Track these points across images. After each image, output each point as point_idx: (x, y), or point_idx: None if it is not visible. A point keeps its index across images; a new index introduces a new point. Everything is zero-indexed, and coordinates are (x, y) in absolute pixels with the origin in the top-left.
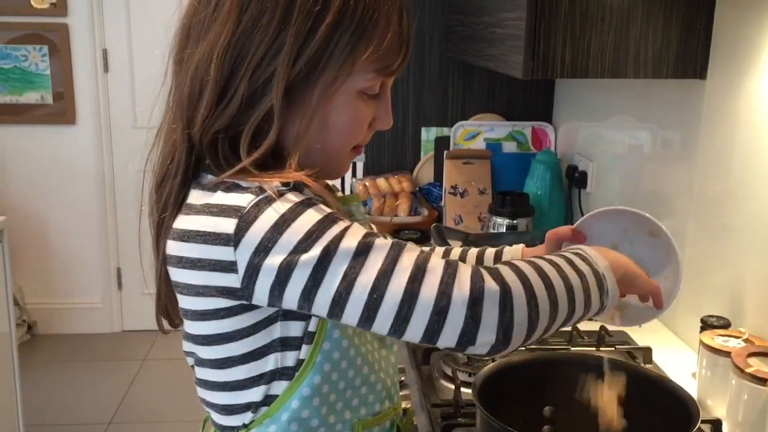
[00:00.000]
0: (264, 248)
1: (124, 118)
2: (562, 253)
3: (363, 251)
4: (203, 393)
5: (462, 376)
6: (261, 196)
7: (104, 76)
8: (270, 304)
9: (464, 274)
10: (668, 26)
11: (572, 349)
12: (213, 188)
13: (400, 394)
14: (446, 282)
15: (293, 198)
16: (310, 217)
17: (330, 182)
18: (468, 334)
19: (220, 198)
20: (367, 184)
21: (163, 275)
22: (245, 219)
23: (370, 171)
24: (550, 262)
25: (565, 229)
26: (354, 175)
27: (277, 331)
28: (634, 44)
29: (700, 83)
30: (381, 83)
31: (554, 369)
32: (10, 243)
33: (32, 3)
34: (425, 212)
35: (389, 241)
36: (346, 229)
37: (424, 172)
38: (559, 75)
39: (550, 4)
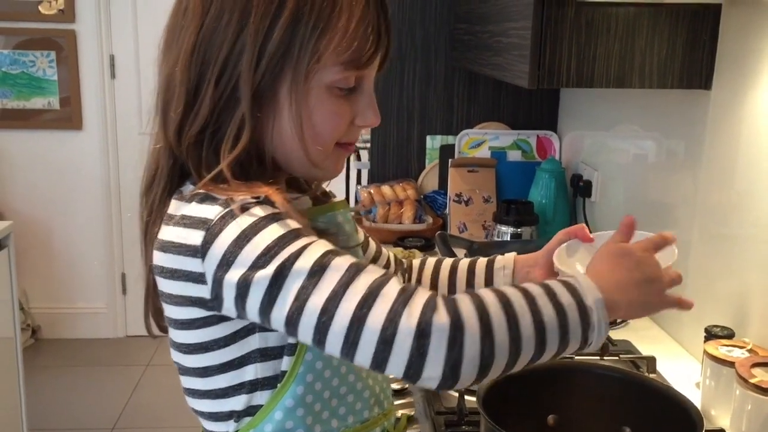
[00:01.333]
0: (226, 262)
1: (131, 124)
2: (547, 282)
3: (317, 271)
4: (190, 401)
5: None
6: (227, 210)
7: (111, 83)
8: (238, 316)
9: (416, 303)
10: (673, 36)
11: (576, 357)
12: (189, 199)
13: (404, 401)
14: (395, 310)
15: (258, 212)
16: (271, 233)
17: (327, 188)
18: (414, 367)
19: (193, 209)
20: (371, 191)
21: (151, 282)
22: (211, 232)
23: (375, 178)
24: (525, 293)
25: (575, 227)
26: (359, 182)
27: (255, 342)
28: (639, 54)
29: (705, 93)
30: (358, 77)
31: (558, 377)
32: (15, 247)
33: (40, 9)
34: (430, 220)
35: (347, 262)
36: (305, 247)
37: (429, 179)
38: (565, 84)
39: (556, 14)
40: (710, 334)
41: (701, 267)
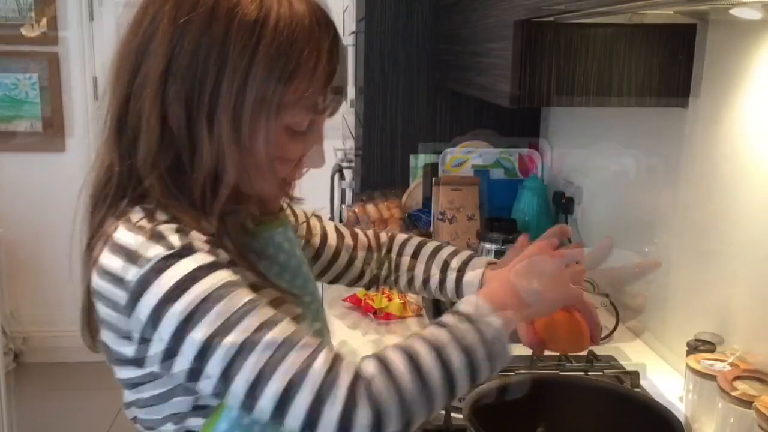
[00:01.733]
0: (139, 294)
1: None
2: (449, 324)
3: (226, 316)
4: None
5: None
6: (147, 241)
7: (94, 104)
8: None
9: (318, 364)
10: (651, 55)
11: (564, 368)
12: (132, 223)
13: None
14: (300, 369)
15: (174, 242)
16: (183, 268)
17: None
18: (310, 429)
19: (124, 236)
20: (356, 210)
21: (87, 304)
22: (131, 263)
23: (360, 197)
24: (432, 344)
25: (556, 228)
26: (343, 201)
27: None
28: (617, 73)
29: (684, 110)
30: (312, 121)
31: (546, 389)
32: (0, 267)
33: (23, 31)
34: None
35: (255, 306)
36: (213, 288)
37: (413, 198)
38: (545, 104)
39: (536, 35)
40: (693, 348)
41: (684, 281)
